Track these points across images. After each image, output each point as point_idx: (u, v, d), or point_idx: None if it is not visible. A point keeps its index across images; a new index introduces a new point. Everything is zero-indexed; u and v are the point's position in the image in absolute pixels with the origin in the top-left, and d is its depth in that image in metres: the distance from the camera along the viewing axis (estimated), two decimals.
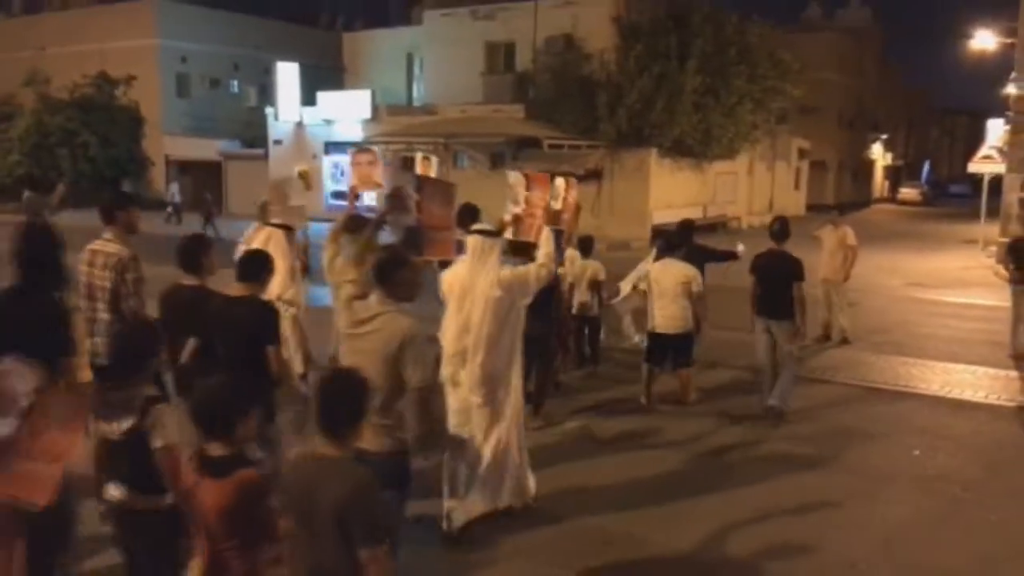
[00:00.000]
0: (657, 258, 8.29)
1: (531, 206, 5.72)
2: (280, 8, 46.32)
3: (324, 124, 30.96)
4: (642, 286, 8.39)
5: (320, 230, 7.02)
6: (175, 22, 35.39)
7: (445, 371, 5.15)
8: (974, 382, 9.38)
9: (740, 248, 8.92)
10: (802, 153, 38.10)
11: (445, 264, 5.72)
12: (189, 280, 4.82)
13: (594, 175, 24.61)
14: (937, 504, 6.06)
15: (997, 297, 15.19)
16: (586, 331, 9.19)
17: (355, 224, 5.94)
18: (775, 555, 5.14)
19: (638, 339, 9.02)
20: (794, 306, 7.42)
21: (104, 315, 4.85)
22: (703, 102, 25.04)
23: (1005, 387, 9.17)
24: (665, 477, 6.34)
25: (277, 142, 32.20)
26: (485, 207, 6.38)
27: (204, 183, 34.38)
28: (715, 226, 25.75)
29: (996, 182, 21.79)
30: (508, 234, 5.66)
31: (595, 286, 8.89)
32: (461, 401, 5.20)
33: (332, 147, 31.18)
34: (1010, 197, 20.44)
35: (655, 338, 8.03)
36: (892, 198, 52.62)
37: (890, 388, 9.12)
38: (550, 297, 6.75)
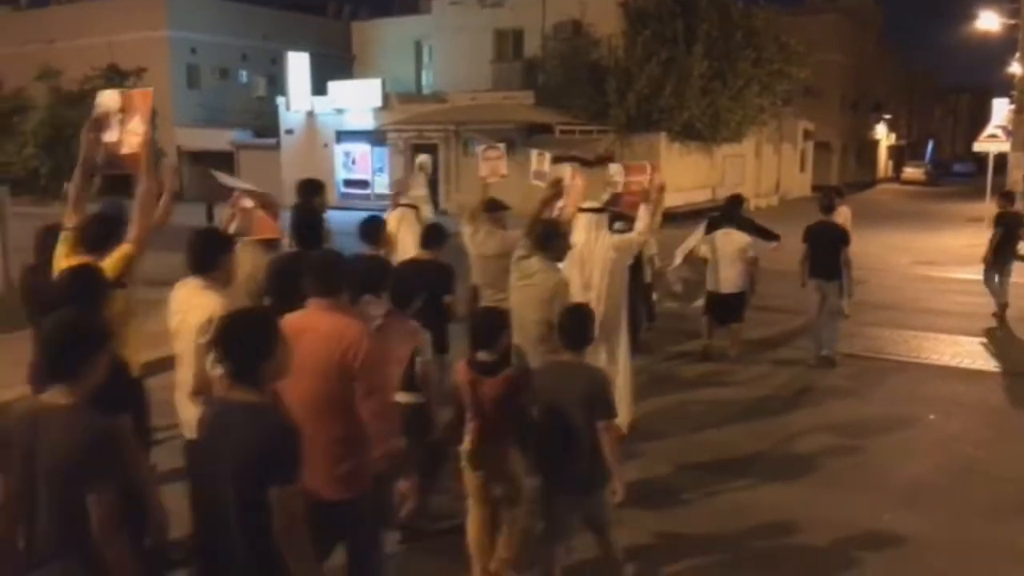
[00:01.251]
0: (709, 229, 9.17)
1: (629, 190, 6.80)
2: None
3: (335, 113, 31.29)
4: (704, 253, 9.16)
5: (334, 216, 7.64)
6: (185, 13, 35.64)
7: None
8: (983, 352, 9.85)
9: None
10: (807, 135, 38.48)
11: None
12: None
13: (605, 160, 24.98)
14: (953, 462, 6.53)
15: None
16: None
17: (493, 206, 6.74)
18: (810, 504, 5.63)
19: (694, 304, 9.75)
20: (841, 268, 8.74)
21: None
22: (711, 86, 25.44)
23: (1014, 357, 9.64)
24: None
25: (289, 131, 32.55)
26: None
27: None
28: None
29: (1001, 160, 22.17)
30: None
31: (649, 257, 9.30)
32: None
33: (343, 136, 31.60)
34: (1015, 175, 20.87)
35: (714, 297, 9.09)
36: (896, 178, 52.93)
37: (903, 359, 9.58)
38: (637, 264, 7.80)
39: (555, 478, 4.15)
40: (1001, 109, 23.23)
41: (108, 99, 4.91)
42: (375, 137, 30.63)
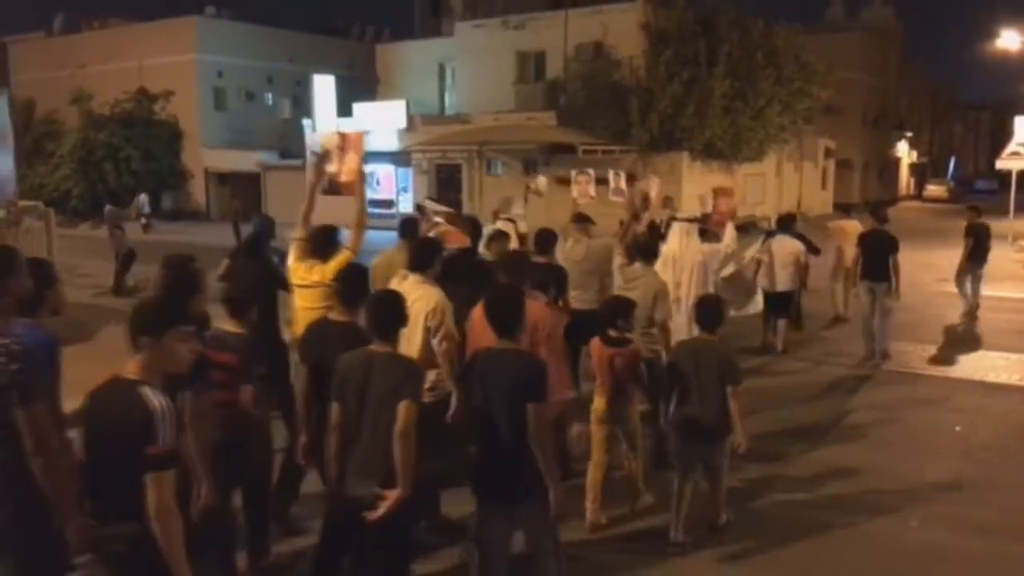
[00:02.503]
0: (765, 239, 10.56)
1: (718, 210, 8.39)
2: (310, 21, 47.24)
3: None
4: (761, 257, 10.25)
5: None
6: (213, 37, 36.37)
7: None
8: (1007, 367, 9.98)
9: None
10: (828, 152, 38.55)
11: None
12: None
13: (628, 179, 25.27)
14: (979, 471, 6.70)
15: None
16: None
17: (580, 219, 7.88)
18: (842, 507, 5.83)
19: (752, 310, 10.47)
20: (891, 272, 9.68)
21: None
22: (732, 106, 25.65)
23: None
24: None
25: (314, 152, 33.03)
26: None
27: (244, 194, 35.44)
28: (746, 226, 26.31)
29: None
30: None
31: None
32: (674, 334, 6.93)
33: (368, 156, 32.04)
34: None
35: (770, 295, 10.25)
36: (918, 195, 52.75)
37: (929, 373, 9.75)
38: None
39: (690, 429, 5.24)
40: (1022, 126, 23.23)
41: (329, 139, 6.34)
42: (399, 158, 31.09)
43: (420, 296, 4.95)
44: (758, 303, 10.41)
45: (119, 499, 3.08)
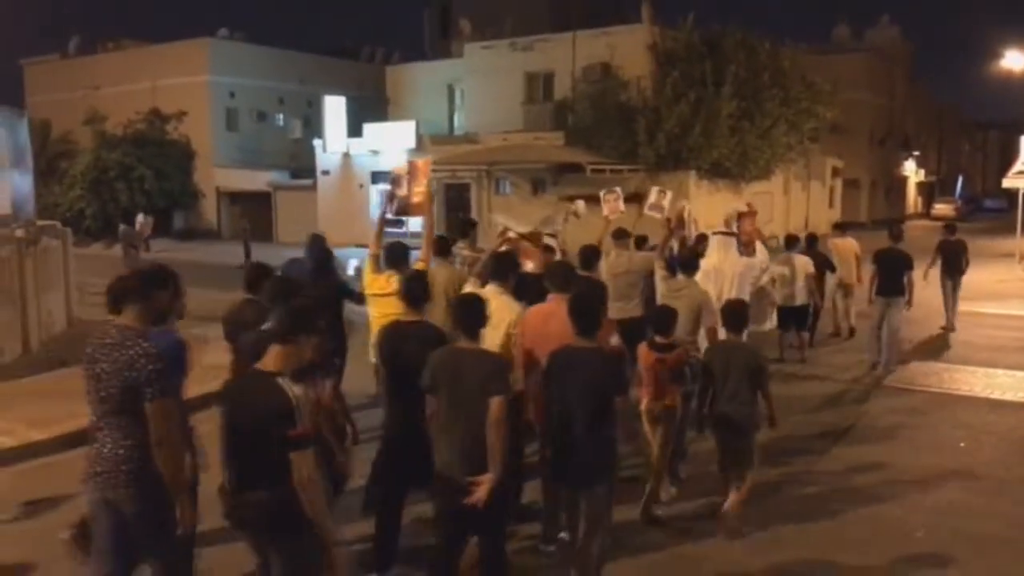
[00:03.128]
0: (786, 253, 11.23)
1: (744, 230, 8.61)
2: (321, 44, 47.79)
3: (370, 154, 32.09)
4: (784, 270, 10.74)
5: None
6: (225, 59, 36.84)
7: None
8: (1013, 384, 10.05)
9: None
10: (835, 172, 38.70)
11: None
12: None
13: (636, 198, 25.41)
14: (983, 485, 6.80)
15: None
16: None
17: (620, 234, 8.99)
18: (847, 517, 5.93)
19: (768, 326, 10.64)
20: (905, 287, 10.33)
21: None
22: (739, 126, 25.84)
23: None
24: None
25: (325, 172, 33.38)
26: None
27: (254, 213, 35.75)
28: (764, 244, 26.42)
29: None
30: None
31: None
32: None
33: (378, 176, 32.36)
34: None
35: (788, 309, 10.79)
36: (926, 214, 52.76)
37: (936, 391, 9.83)
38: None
39: (724, 422, 5.80)
40: None
41: (400, 167, 7.14)
42: None
43: (502, 304, 5.35)
44: (773, 319, 10.64)
45: (257, 472, 3.60)
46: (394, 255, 6.41)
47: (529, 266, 7.23)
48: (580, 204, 10.38)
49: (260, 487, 3.59)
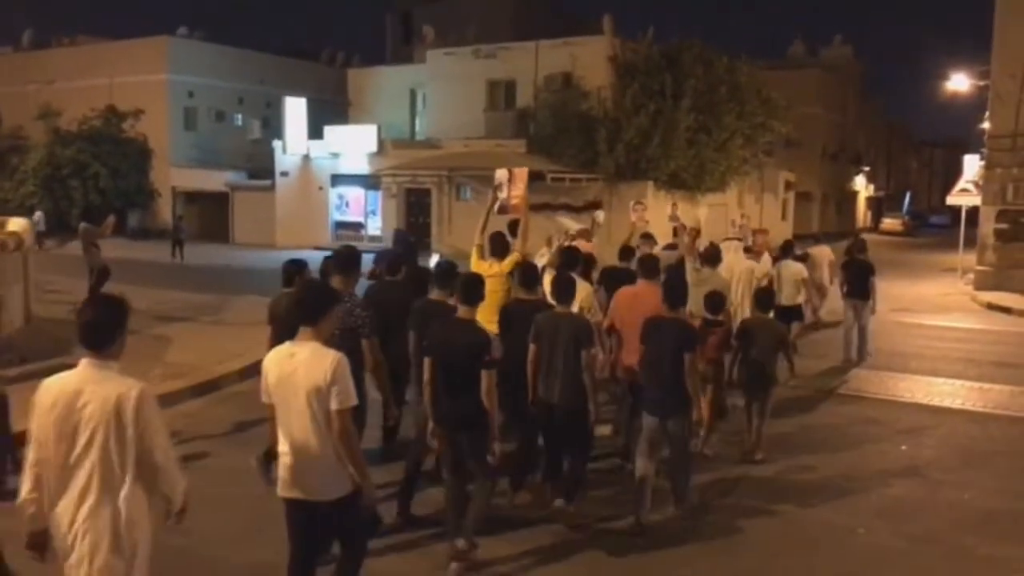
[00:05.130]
0: (774, 262, 11.83)
1: (757, 245, 11.37)
2: (280, 45, 47.46)
3: (330, 157, 32.07)
4: (772, 276, 11.26)
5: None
6: (184, 57, 36.49)
7: None
8: (952, 392, 10.54)
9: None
10: (788, 185, 39.58)
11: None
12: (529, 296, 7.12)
13: (593, 206, 25.80)
14: (922, 485, 7.18)
15: (972, 321, 16.56)
16: None
17: (647, 236, 10.17)
18: (797, 509, 6.25)
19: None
20: (870, 291, 12.04)
21: None
22: (696, 138, 26.40)
23: (979, 397, 10.36)
24: None
25: (284, 174, 33.25)
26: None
27: (211, 213, 35.43)
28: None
29: (973, 213, 23.14)
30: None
31: None
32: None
33: (338, 179, 32.36)
34: (986, 228, 21.82)
35: (780, 308, 10.97)
36: (875, 228, 54.12)
37: (881, 398, 10.26)
38: None
39: (755, 386, 7.57)
40: (972, 165, 24.16)
41: (501, 173, 8.57)
42: (369, 181, 31.42)
43: (578, 286, 6.64)
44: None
45: (462, 386, 5.19)
46: (496, 245, 7.65)
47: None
48: (600, 214, 12.39)
49: (464, 396, 5.17)
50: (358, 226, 32.31)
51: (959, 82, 25.14)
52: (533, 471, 6.59)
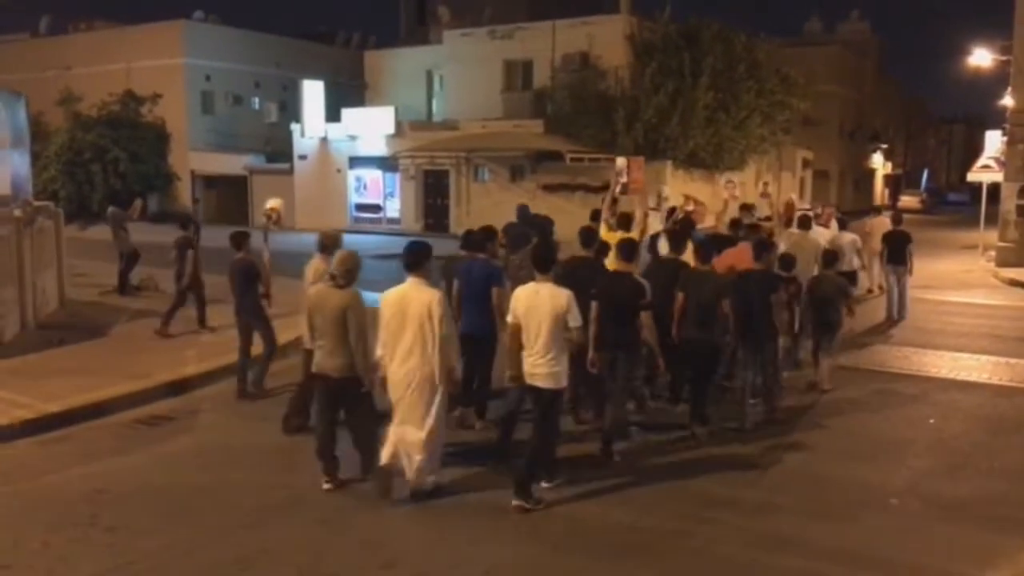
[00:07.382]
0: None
1: (825, 215, 13.03)
2: (296, 28, 47.50)
3: (348, 140, 32.16)
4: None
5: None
6: (201, 41, 36.56)
7: None
8: (978, 367, 10.61)
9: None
10: (806, 163, 39.45)
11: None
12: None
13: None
14: (952, 457, 7.30)
15: (995, 297, 16.55)
16: None
17: (746, 207, 11.87)
18: (823, 484, 6.40)
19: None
20: (907, 257, 13.62)
21: None
22: (715, 117, 26.37)
23: (1006, 371, 10.44)
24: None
25: (302, 157, 33.40)
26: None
27: (231, 197, 35.65)
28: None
29: (994, 190, 23.03)
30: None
31: None
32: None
33: (356, 162, 32.48)
34: (1007, 204, 21.73)
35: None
36: (892, 206, 53.74)
37: (906, 373, 10.36)
38: None
39: (822, 328, 9.33)
40: (994, 140, 23.97)
41: (621, 162, 10.94)
42: (387, 163, 31.51)
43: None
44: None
45: (624, 321, 6.89)
46: (623, 221, 9.55)
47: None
48: (665, 188, 14.21)
49: (625, 327, 6.90)
50: (376, 208, 32.48)
51: (980, 57, 24.88)
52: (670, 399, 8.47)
